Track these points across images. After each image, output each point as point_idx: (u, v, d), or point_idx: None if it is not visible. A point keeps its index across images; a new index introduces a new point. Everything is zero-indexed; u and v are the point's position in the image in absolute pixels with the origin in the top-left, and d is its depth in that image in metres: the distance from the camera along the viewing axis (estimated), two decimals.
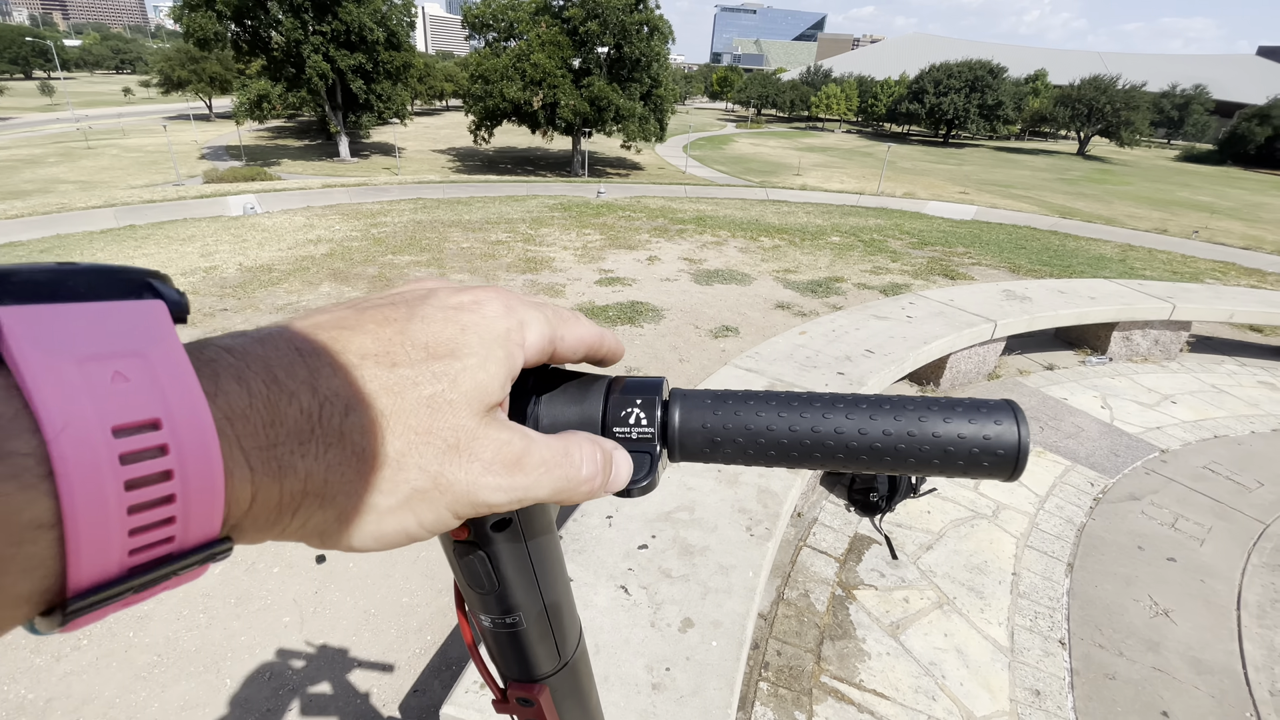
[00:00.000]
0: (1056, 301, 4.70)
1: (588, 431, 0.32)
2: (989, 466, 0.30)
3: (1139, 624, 2.54)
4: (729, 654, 1.62)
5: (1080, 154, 59.84)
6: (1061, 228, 12.98)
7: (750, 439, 0.32)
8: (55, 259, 5.66)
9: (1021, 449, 0.29)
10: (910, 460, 0.30)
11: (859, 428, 0.31)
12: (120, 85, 79.58)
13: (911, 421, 0.30)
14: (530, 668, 0.44)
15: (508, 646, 0.42)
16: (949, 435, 0.30)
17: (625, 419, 0.33)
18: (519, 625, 0.40)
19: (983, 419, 0.30)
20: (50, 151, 35.77)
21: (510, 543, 0.36)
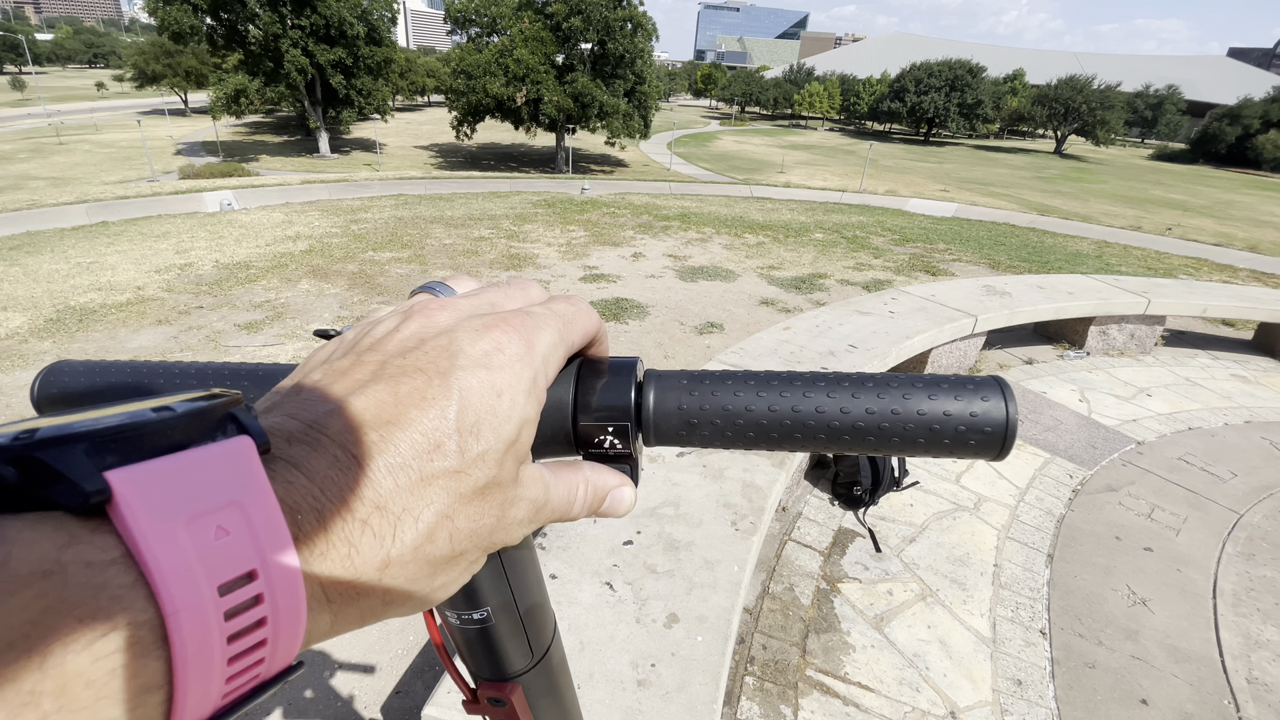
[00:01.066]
0: (1035, 296, 4.76)
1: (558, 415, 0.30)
2: (976, 445, 0.29)
3: (1118, 613, 2.58)
4: (715, 649, 1.61)
5: (1057, 153, 60.77)
6: (1040, 225, 13.16)
7: (728, 420, 0.30)
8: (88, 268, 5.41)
9: (1009, 426, 0.28)
10: (894, 439, 0.29)
11: (840, 406, 0.29)
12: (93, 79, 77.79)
13: (895, 399, 0.29)
14: (501, 666, 0.42)
15: (477, 644, 0.40)
16: (934, 413, 0.29)
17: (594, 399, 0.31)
18: (488, 621, 0.38)
19: (969, 395, 0.29)
20: (21, 147, 34.89)
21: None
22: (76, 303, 5.24)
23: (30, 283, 5.83)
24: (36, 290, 5.58)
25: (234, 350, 4.41)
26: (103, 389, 0.40)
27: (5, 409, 3.61)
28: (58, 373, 0.41)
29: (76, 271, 6.23)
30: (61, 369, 0.41)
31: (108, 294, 5.48)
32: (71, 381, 0.40)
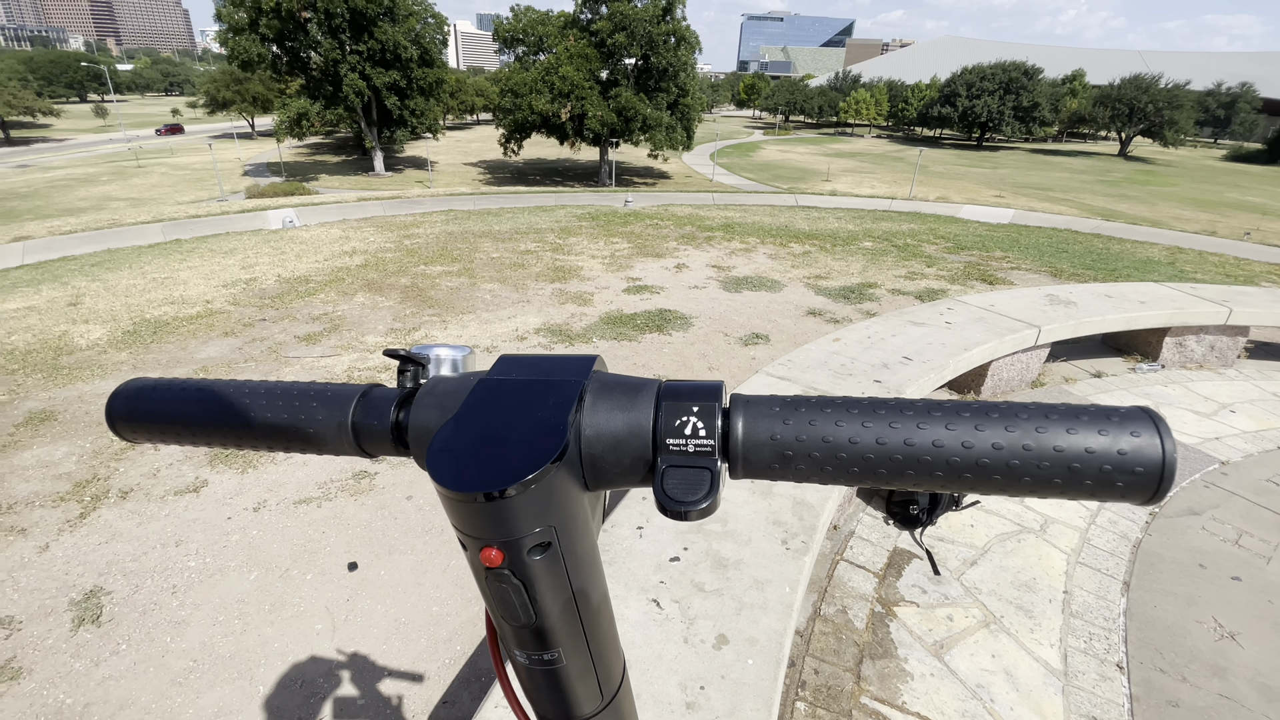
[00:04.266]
0: (1103, 306, 4.51)
1: (637, 442, 0.28)
2: (1124, 487, 0.25)
3: (1203, 648, 2.38)
4: (766, 673, 1.56)
5: (1122, 155, 58.08)
6: (1104, 230, 12.54)
7: (829, 454, 0.27)
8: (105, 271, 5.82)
9: (1166, 466, 0.24)
10: (1026, 479, 0.26)
11: (962, 440, 0.26)
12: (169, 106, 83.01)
13: (1027, 432, 0.25)
14: (570, 709, 0.39)
15: (545, 686, 0.38)
16: (1074, 449, 0.25)
17: (680, 429, 0.28)
18: (558, 662, 0.36)
19: (1115, 429, 0.25)
20: (103, 170, 37.49)
21: (550, 568, 0.32)
22: (151, 316, 5.55)
23: (110, 297, 6.21)
24: (115, 304, 5.94)
25: (294, 360, 4.58)
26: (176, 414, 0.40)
27: (84, 415, 3.83)
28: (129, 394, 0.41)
29: (152, 286, 6.60)
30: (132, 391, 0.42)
31: (179, 307, 5.79)
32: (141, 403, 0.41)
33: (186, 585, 2.55)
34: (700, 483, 0.28)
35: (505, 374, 0.35)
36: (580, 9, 31.17)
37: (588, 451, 0.31)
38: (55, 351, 4.77)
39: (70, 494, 3.09)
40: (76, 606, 2.44)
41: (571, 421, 0.30)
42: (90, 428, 3.69)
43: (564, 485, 0.30)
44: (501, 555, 0.30)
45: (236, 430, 0.40)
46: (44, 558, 2.69)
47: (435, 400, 0.36)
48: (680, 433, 0.29)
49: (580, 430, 0.30)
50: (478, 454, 0.29)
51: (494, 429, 0.30)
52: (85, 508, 2.99)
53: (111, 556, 2.69)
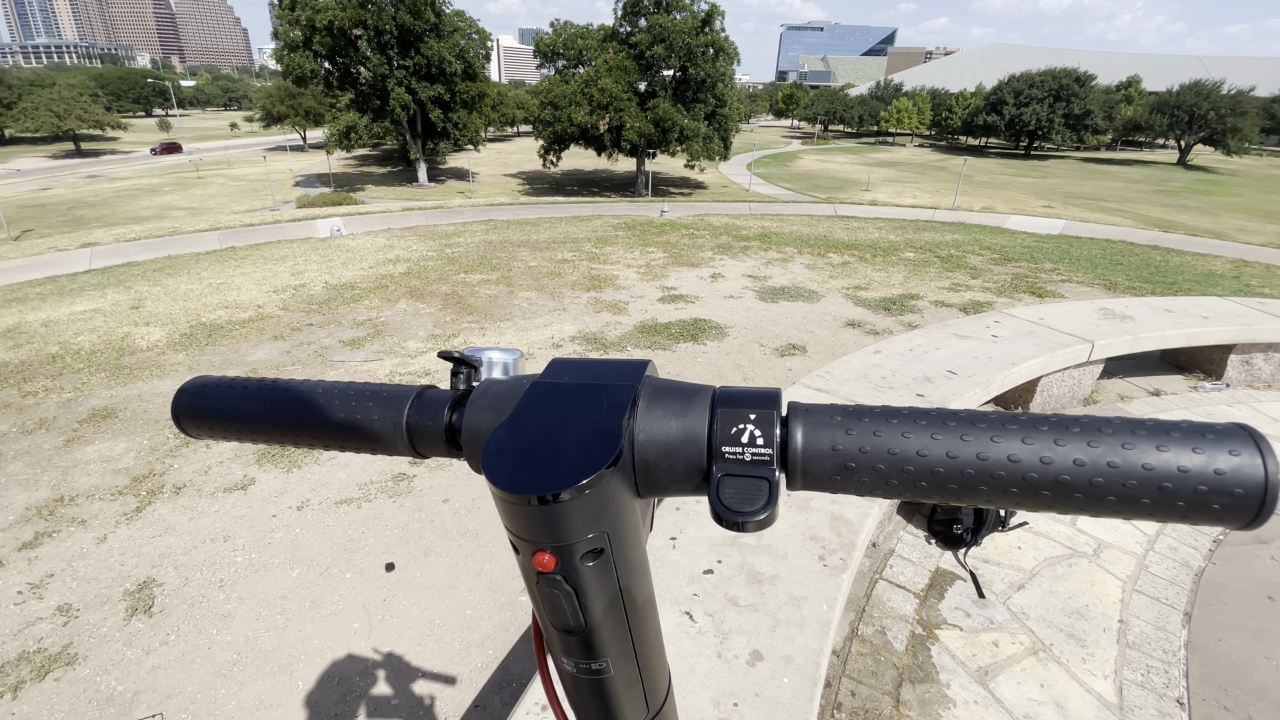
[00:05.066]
0: (1162, 321, 4.31)
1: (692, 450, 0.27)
2: (1220, 510, 0.23)
3: (1271, 685, 2.23)
4: (802, 693, 1.52)
5: (1181, 164, 55.71)
6: (1163, 242, 12.03)
7: (895, 466, 0.26)
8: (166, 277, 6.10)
9: (1270, 488, 0.22)
10: (1111, 499, 0.24)
11: (1040, 455, 0.24)
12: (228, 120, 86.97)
13: (1112, 448, 0.24)
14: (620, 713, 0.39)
15: (591, 696, 0.37)
16: (1165, 468, 0.23)
17: (737, 437, 0.28)
18: (605, 672, 0.35)
19: (1211, 447, 0.23)
20: (166, 181, 39.37)
21: (601, 576, 0.31)
22: (207, 319, 5.78)
23: (170, 301, 6.50)
24: (174, 308, 6.21)
25: (338, 364, 4.71)
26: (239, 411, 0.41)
27: (143, 413, 4.00)
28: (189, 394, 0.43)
29: (208, 291, 6.89)
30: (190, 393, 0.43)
31: (233, 312, 6.02)
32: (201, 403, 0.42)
33: (233, 580, 2.63)
34: (758, 493, 0.27)
35: (558, 377, 0.34)
36: (619, 22, 31.55)
37: (641, 458, 0.30)
38: (118, 352, 5.01)
39: (128, 488, 3.23)
40: (130, 597, 2.54)
41: (625, 427, 0.29)
42: (148, 425, 3.86)
43: (617, 491, 0.29)
44: (554, 560, 0.30)
45: (295, 429, 0.41)
46: (101, 549, 2.81)
47: (488, 402, 0.36)
48: (737, 441, 0.28)
49: (634, 436, 0.30)
50: (532, 457, 0.29)
51: (548, 432, 0.30)
52: (141, 502, 3.12)
53: (164, 549, 2.80)
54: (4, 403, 4.17)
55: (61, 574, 2.67)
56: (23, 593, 2.57)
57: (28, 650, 2.31)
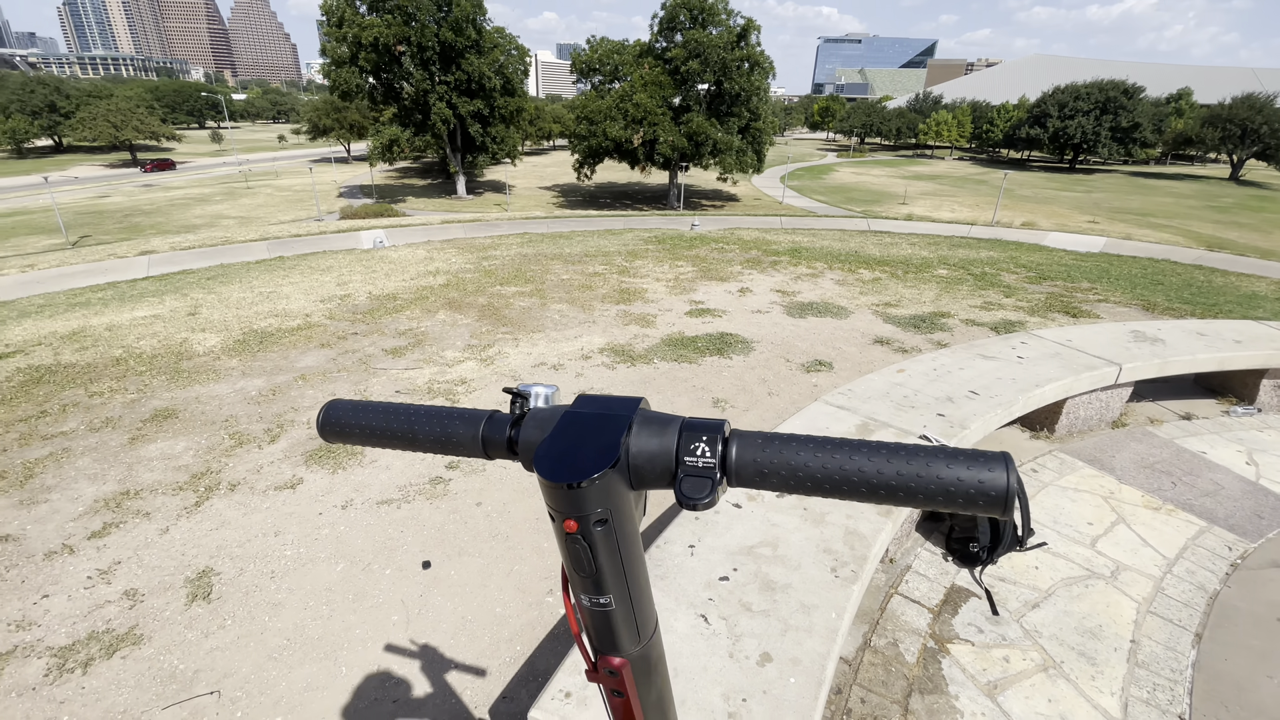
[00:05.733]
0: (1194, 344, 4.28)
1: (665, 458, 0.41)
2: (986, 504, 0.36)
3: (1270, 704, 2.24)
4: (807, 692, 1.62)
5: (1233, 179, 53.68)
6: (1207, 261, 11.70)
7: (790, 473, 0.40)
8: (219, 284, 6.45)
9: (1010, 491, 0.35)
10: (920, 495, 0.37)
11: (878, 468, 0.38)
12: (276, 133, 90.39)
13: (925, 465, 0.37)
14: (616, 644, 0.53)
15: (600, 624, 0.52)
16: (955, 478, 0.36)
17: (693, 451, 0.42)
18: (609, 606, 0.50)
19: (981, 466, 0.36)
20: (217, 191, 41.08)
21: (606, 537, 0.46)
22: (258, 327, 6.12)
23: (223, 308, 6.89)
24: (228, 315, 6.59)
25: (381, 372, 4.95)
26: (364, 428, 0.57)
27: (200, 414, 4.29)
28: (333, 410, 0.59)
29: (259, 300, 7.27)
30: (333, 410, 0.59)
31: (282, 320, 6.36)
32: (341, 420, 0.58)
33: (283, 571, 2.83)
34: (705, 487, 0.41)
35: (581, 408, 0.49)
36: (655, 38, 31.99)
37: (633, 462, 0.45)
38: (177, 356, 5.35)
39: (187, 484, 3.48)
40: (190, 584, 2.76)
41: (622, 443, 0.44)
42: (206, 426, 4.14)
43: (616, 484, 0.44)
44: (576, 525, 0.45)
45: (403, 440, 0.57)
46: (164, 539, 3.05)
47: (536, 424, 0.51)
48: (694, 453, 0.42)
49: (628, 448, 0.44)
50: (564, 459, 0.44)
51: (575, 444, 0.45)
52: (200, 497, 3.37)
53: (221, 541, 3.03)
54: (73, 402, 4.51)
55: (128, 561, 2.91)
56: (92, 578, 2.81)
57: (97, 630, 2.53)
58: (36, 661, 2.38)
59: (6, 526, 3.11)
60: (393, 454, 3.82)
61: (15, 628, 2.53)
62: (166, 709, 2.20)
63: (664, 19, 30.80)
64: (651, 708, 0.58)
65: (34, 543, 3.01)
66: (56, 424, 4.16)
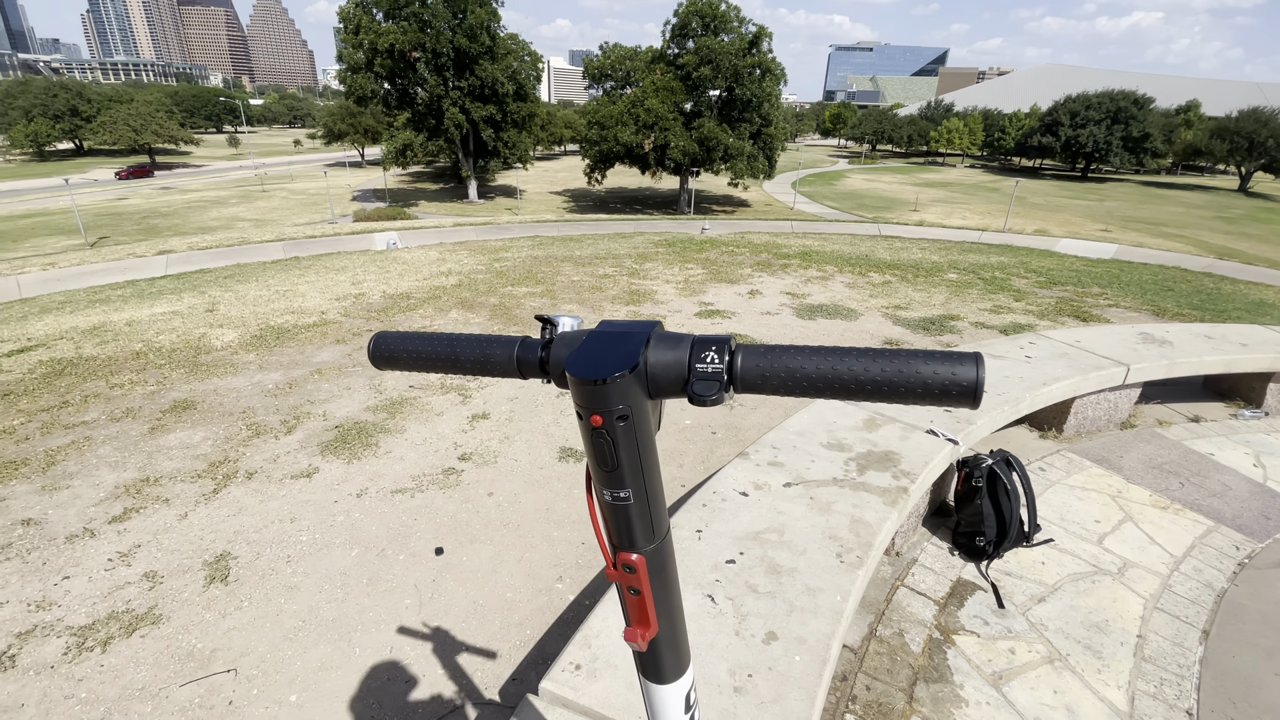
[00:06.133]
0: (1202, 347, 4.27)
1: (679, 367, 0.46)
2: (957, 396, 0.41)
3: (1279, 700, 2.24)
4: (811, 669, 1.65)
5: (1242, 190, 53.20)
6: (1217, 269, 11.61)
7: (789, 376, 0.45)
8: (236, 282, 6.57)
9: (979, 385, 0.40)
10: (902, 389, 0.42)
11: (864, 368, 0.43)
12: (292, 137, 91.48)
13: (907, 364, 0.42)
14: (633, 540, 0.57)
15: (620, 519, 0.56)
16: (934, 374, 0.41)
17: (704, 359, 0.47)
18: (628, 501, 0.54)
19: (955, 363, 0.41)
20: (233, 194, 41.63)
21: (626, 434, 0.50)
22: (275, 323, 6.22)
23: (240, 305, 7.00)
24: (245, 312, 6.70)
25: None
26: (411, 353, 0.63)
27: (218, 406, 4.37)
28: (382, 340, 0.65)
29: (275, 297, 7.38)
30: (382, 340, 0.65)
31: (298, 317, 6.46)
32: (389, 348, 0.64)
33: (299, 556, 2.89)
34: (714, 388, 0.45)
35: (606, 329, 0.54)
36: (667, 44, 32.18)
37: (650, 371, 0.49)
38: (195, 351, 5.46)
39: (205, 472, 3.56)
40: (208, 567, 2.82)
41: (642, 353, 0.48)
42: (224, 417, 4.22)
43: (635, 388, 0.49)
44: (601, 420, 0.50)
45: (448, 363, 0.62)
46: (183, 524, 3.12)
47: (564, 344, 0.57)
48: (704, 361, 0.47)
49: (646, 359, 0.49)
50: (593, 362, 0.49)
51: (601, 352, 0.50)
52: (218, 485, 3.44)
53: (238, 527, 3.09)
54: (94, 393, 4.61)
55: (147, 545, 2.98)
56: (112, 560, 2.88)
57: (117, 610, 2.60)
58: (55, 641, 2.45)
59: (29, 510, 3.20)
60: (406, 445, 3.88)
61: (35, 608, 2.60)
62: (184, 686, 2.26)
63: (676, 26, 30.99)
64: (662, 605, 0.63)
65: (55, 526, 3.09)
66: (78, 414, 4.25)
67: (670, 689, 0.71)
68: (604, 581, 2.75)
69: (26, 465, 3.59)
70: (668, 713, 0.72)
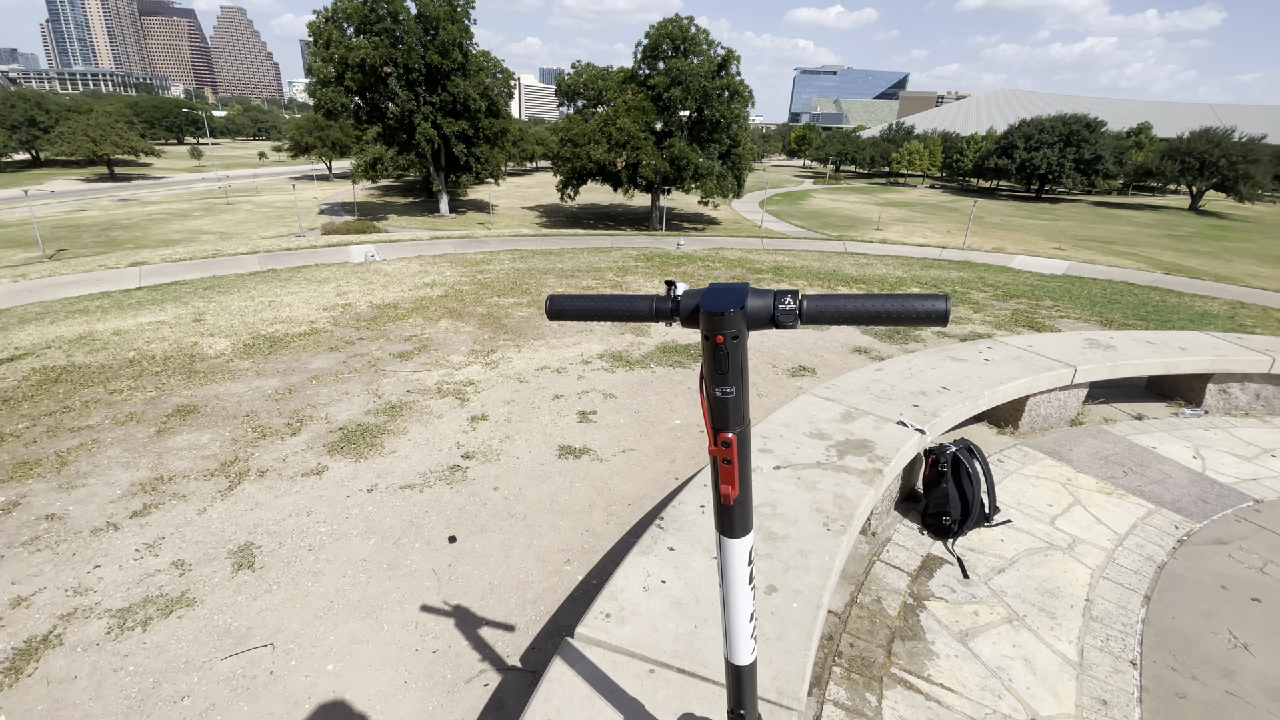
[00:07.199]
0: (1143, 351, 4.72)
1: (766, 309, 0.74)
2: (933, 319, 0.69)
3: (1215, 654, 2.59)
4: (808, 614, 1.92)
5: (1193, 209, 56.17)
6: (1163, 283, 12.42)
7: (836, 311, 0.73)
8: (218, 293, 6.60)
9: (947, 312, 0.69)
10: (902, 315, 0.70)
11: (880, 305, 0.71)
12: (257, 150, 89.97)
13: (902, 301, 0.70)
14: (728, 423, 0.84)
15: (723, 409, 0.83)
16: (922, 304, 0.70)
17: (784, 302, 0.75)
18: (731, 395, 0.81)
19: (933, 300, 0.69)
20: (196, 206, 40.74)
21: (735, 349, 0.78)
22: (266, 332, 6.32)
23: (227, 315, 7.06)
24: (234, 321, 6.77)
25: (391, 374, 5.19)
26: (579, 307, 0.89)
27: (222, 410, 4.49)
28: (555, 300, 0.91)
29: (261, 308, 7.45)
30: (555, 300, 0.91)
31: (289, 326, 6.57)
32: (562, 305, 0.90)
33: (319, 545, 3.06)
34: (792, 318, 0.73)
35: (718, 287, 0.81)
36: (638, 65, 32.89)
37: (749, 309, 0.77)
38: (190, 358, 5.53)
39: (218, 471, 3.69)
40: (234, 555, 2.98)
41: (745, 298, 0.76)
42: (229, 420, 4.34)
43: (740, 320, 0.76)
44: (722, 339, 0.76)
45: (606, 314, 0.88)
46: (203, 518, 3.26)
47: (688, 298, 0.84)
48: (784, 303, 0.74)
49: (746, 304, 0.76)
50: (718, 302, 0.76)
51: (721, 297, 0.77)
52: (231, 482, 3.58)
53: (257, 520, 3.24)
54: (94, 399, 4.68)
55: (171, 537, 3.11)
56: (139, 550, 3.01)
57: (151, 595, 2.74)
58: (97, 621, 2.58)
59: (50, 507, 3.30)
60: (410, 445, 4.07)
61: (72, 593, 2.73)
62: (225, 659, 2.42)
63: (647, 47, 31.73)
64: (743, 475, 0.90)
65: (79, 521, 3.20)
66: (81, 418, 4.33)
67: (740, 543, 0.99)
68: (611, 563, 2.99)
69: (40, 466, 3.67)
70: (736, 560, 1.01)
